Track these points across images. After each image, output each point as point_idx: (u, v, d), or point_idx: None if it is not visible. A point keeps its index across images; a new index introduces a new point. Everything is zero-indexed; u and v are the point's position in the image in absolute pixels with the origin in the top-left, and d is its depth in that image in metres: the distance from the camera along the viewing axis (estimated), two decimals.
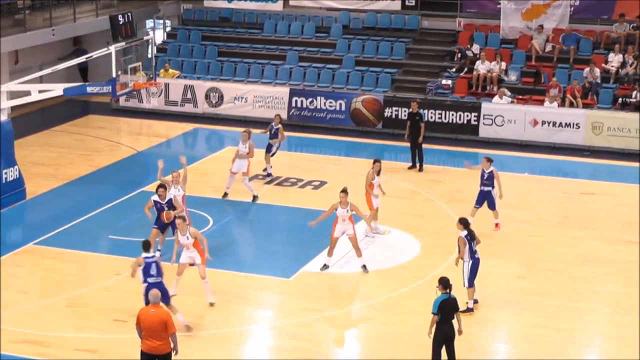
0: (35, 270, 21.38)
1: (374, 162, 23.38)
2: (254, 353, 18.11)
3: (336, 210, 20.92)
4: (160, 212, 21.40)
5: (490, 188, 23.62)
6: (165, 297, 17.51)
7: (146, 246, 17.92)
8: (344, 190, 21.00)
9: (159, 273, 17.74)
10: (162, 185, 21.50)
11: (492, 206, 23.75)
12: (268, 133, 27.95)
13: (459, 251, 19.07)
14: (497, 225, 23.87)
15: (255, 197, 25.68)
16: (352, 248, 21.24)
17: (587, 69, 32.52)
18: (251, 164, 25.81)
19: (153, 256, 17.85)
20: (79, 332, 18.18)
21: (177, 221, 19.23)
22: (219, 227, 24.02)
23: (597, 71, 32.43)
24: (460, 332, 16.57)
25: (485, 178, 23.58)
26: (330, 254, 21.16)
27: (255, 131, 27.31)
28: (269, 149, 27.91)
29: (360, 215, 21.60)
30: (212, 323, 18.71)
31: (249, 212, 25.36)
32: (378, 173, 23.23)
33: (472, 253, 19.04)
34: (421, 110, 29.83)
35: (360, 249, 21.18)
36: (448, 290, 16.31)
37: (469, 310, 19.04)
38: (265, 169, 28.06)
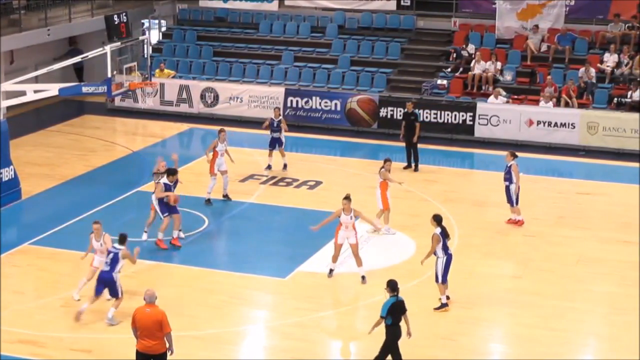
0: (31, 270, 21.36)
1: (386, 161, 23.58)
2: (249, 353, 18.11)
3: (339, 216, 20.83)
4: (169, 198, 22.31)
5: (507, 183, 23.77)
6: (113, 290, 18.54)
7: (121, 239, 18.90)
8: (347, 197, 20.68)
9: (112, 266, 18.49)
10: (172, 171, 22.58)
11: (508, 201, 23.91)
12: (269, 129, 28.23)
13: (431, 247, 19.25)
14: (509, 220, 24.03)
15: (209, 200, 25.52)
16: (347, 249, 21.22)
17: (582, 69, 32.55)
18: (246, 165, 25.87)
19: (118, 249, 18.65)
20: (74, 332, 18.17)
21: (94, 226, 19.48)
22: (214, 227, 24.02)
23: (593, 71, 32.46)
24: (409, 334, 16.54)
25: (505, 172, 23.92)
26: (335, 260, 21.00)
27: (256, 131, 27.22)
28: (273, 143, 28.25)
29: (365, 220, 21.55)
30: (208, 323, 18.71)
31: (244, 212, 25.35)
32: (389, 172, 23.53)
33: (446, 249, 19.23)
34: (416, 110, 29.81)
35: (360, 258, 20.86)
36: (396, 293, 16.40)
37: (443, 305, 19.28)
38: (268, 166, 28.46)
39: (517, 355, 17.81)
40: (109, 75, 25.39)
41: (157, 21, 40.53)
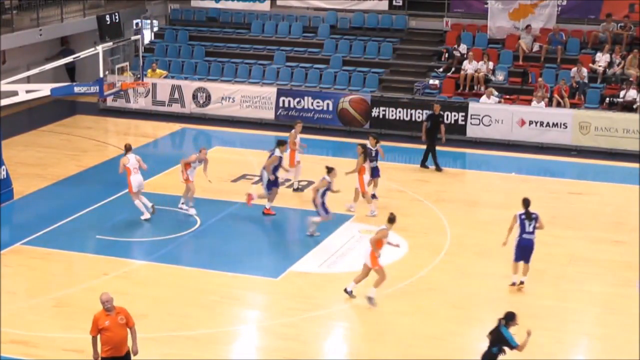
0: (22, 270, 21.31)
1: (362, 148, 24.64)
2: (242, 353, 18.09)
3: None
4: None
5: None
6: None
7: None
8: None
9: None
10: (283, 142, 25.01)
11: None
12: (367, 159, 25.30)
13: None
14: None
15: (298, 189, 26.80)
16: (339, 248, 21.23)
17: (574, 69, 32.60)
18: (238, 165, 25.83)
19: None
20: (66, 332, 18.12)
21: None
22: (206, 227, 23.99)
23: (585, 71, 32.51)
24: None
25: None
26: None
27: (248, 131, 27.18)
28: (372, 173, 25.45)
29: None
30: (200, 323, 18.68)
31: (236, 212, 25.32)
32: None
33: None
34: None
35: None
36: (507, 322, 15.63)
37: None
38: (373, 195, 25.56)
39: (509, 355, 17.78)
40: (101, 75, 25.37)
41: (149, 21, 40.52)
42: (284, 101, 34.00)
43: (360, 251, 22.11)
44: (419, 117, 32.10)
